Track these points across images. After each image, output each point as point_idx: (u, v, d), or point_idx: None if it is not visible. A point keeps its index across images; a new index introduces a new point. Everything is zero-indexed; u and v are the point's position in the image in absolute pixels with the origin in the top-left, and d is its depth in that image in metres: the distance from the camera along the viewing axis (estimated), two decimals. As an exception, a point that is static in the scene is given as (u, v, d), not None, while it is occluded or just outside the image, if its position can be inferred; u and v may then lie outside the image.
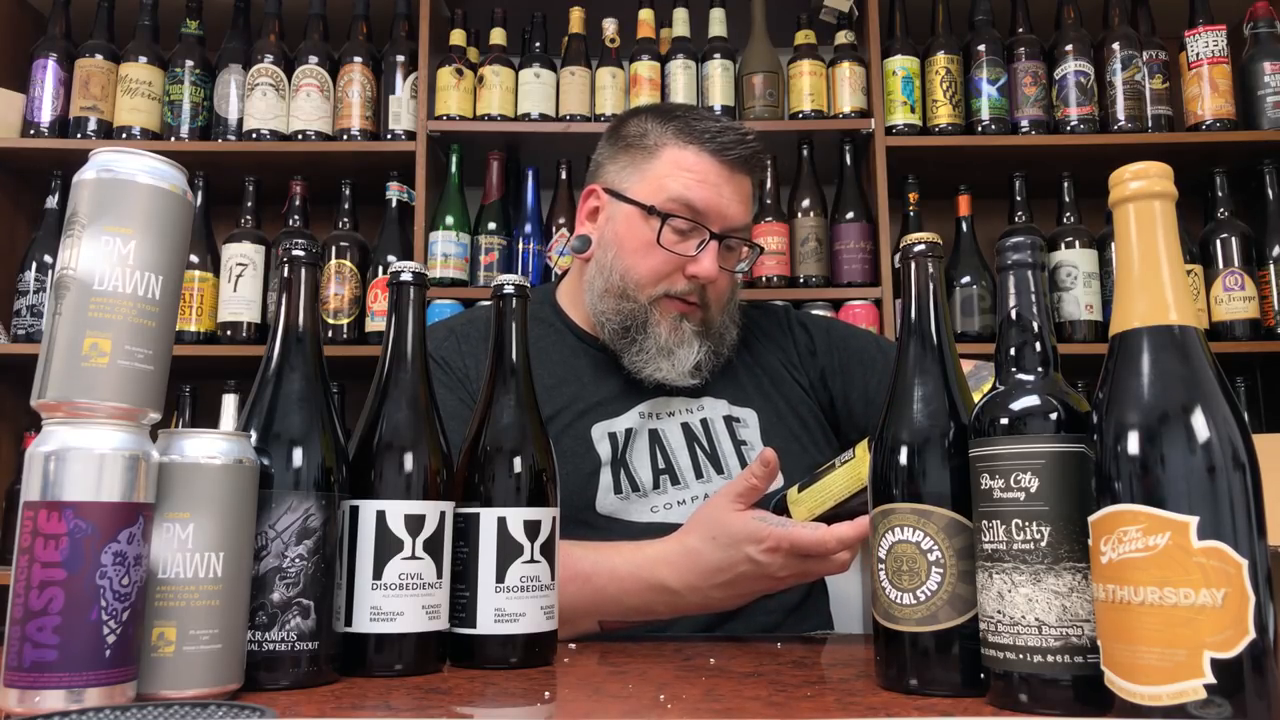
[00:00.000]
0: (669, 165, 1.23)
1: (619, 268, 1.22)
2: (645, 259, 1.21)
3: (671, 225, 1.20)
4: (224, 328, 2.15)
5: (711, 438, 1.23)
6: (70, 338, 0.63)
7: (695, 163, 1.22)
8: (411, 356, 0.84)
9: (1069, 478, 0.63)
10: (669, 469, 1.20)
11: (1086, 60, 2.18)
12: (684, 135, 1.24)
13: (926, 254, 0.76)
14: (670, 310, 1.21)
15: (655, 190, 1.22)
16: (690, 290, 1.21)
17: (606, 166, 1.29)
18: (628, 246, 1.22)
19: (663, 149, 1.24)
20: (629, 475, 1.20)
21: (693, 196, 1.20)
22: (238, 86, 2.24)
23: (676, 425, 1.23)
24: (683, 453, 1.22)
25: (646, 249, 1.21)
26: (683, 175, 1.22)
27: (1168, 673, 0.55)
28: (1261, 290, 2.10)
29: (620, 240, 1.23)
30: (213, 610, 0.66)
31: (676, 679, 0.76)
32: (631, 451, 1.21)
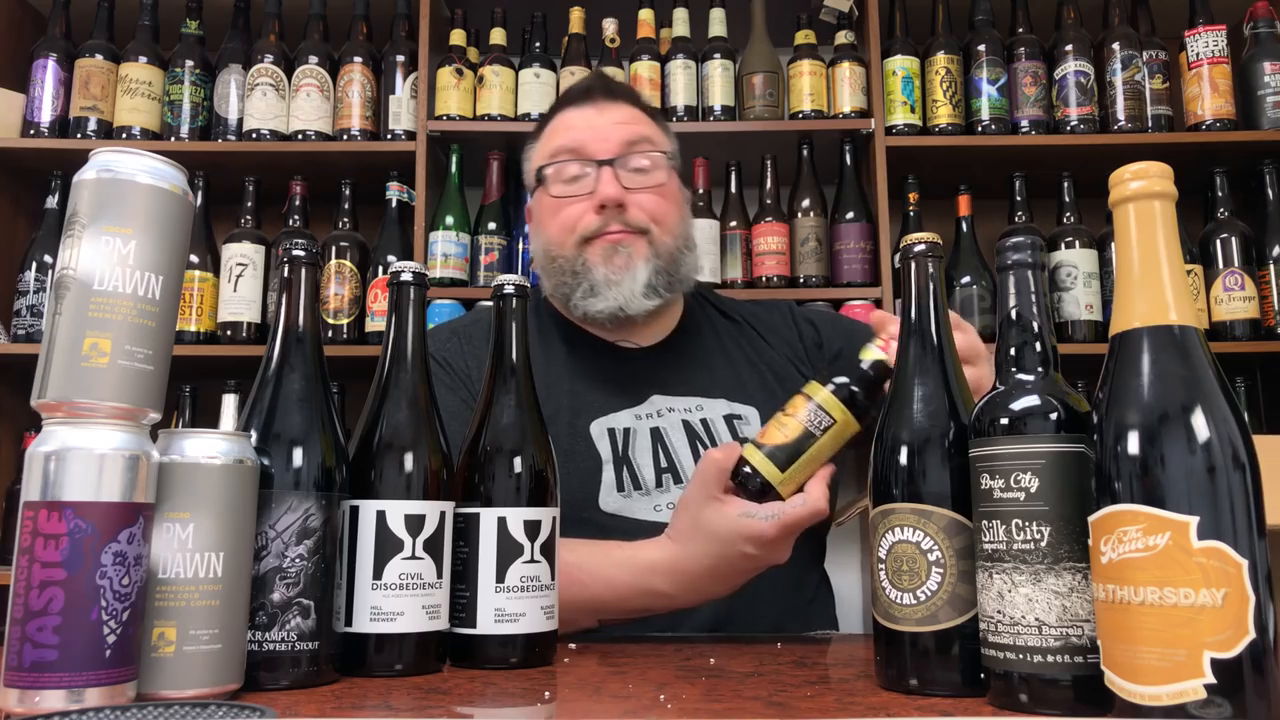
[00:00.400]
0: (548, 136, 1.32)
1: (542, 240, 1.29)
2: (554, 219, 1.26)
3: (556, 175, 1.26)
4: (224, 328, 2.15)
5: (713, 436, 1.23)
6: (70, 338, 0.63)
7: (560, 120, 1.31)
8: (411, 356, 0.84)
9: (1069, 478, 0.63)
10: (671, 467, 1.20)
11: (1086, 60, 2.18)
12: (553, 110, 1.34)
13: (926, 254, 0.76)
14: (598, 248, 1.23)
15: (540, 159, 1.30)
16: (606, 221, 1.23)
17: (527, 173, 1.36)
18: (541, 220, 1.30)
19: (544, 129, 1.34)
20: (631, 473, 1.19)
21: (562, 141, 1.27)
22: (238, 86, 2.24)
23: (678, 422, 1.23)
24: (685, 451, 1.21)
25: (552, 211, 1.26)
26: (555, 133, 1.30)
27: (1168, 673, 0.55)
28: (1261, 290, 2.10)
29: (537, 221, 1.31)
30: (213, 610, 0.66)
31: (676, 679, 0.76)
32: (634, 449, 1.21)
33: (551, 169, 1.26)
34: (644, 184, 1.25)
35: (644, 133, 1.28)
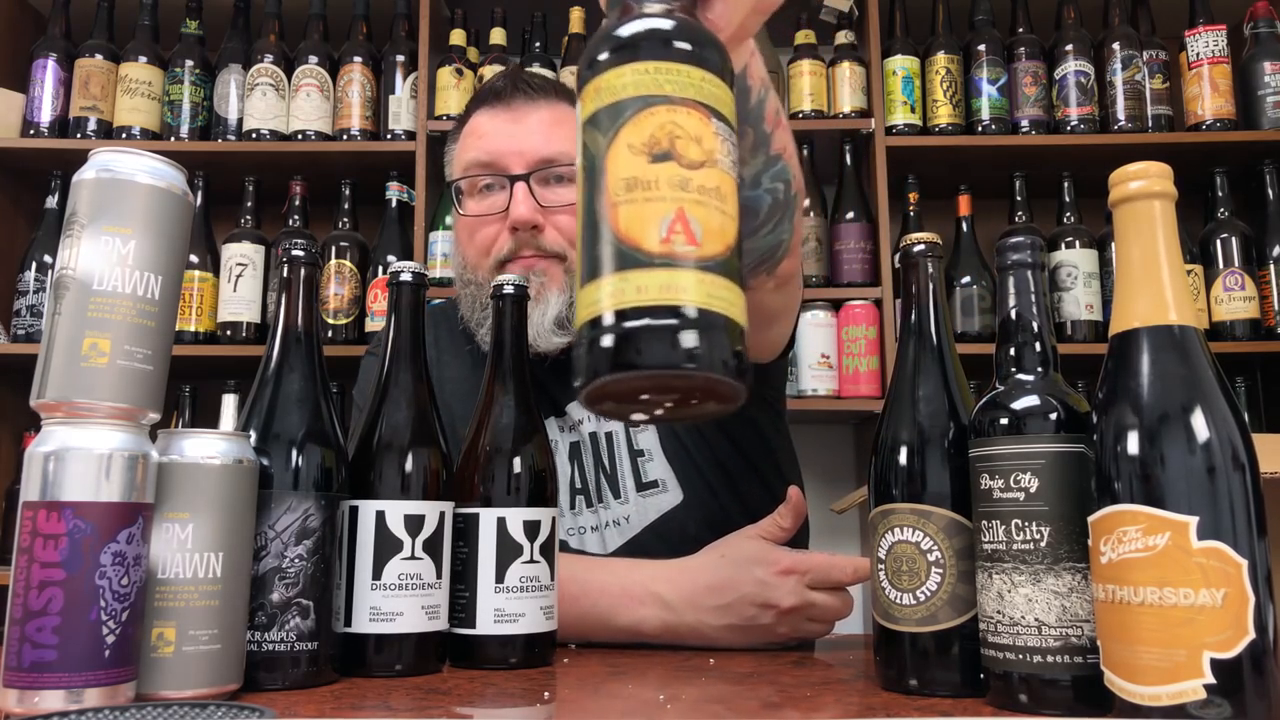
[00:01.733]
0: (461, 146, 1.18)
1: (459, 262, 1.17)
2: (470, 239, 1.14)
3: (469, 190, 1.14)
4: (224, 328, 2.15)
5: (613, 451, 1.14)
6: (70, 338, 0.63)
7: (475, 125, 1.16)
8: (411, 356, 0.84)
9: (1069, 478, 0.63)
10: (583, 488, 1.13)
11: (1086, 60, 2.18)
12: (469, 110, 1.18)
13: (926, 254, 0.76)
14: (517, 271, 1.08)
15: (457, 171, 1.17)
16: (520, 244, 1.10)
17: None
18: (459, 240, 1.18)
19: (458, 136, 1.19)
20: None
21: (474, 154, 1.13)
22: (238, 86, 2.24)
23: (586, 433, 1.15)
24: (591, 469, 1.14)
25: (468, 230, 1.14)
26: (468, 144, 1.15)
27: (1167, 673, 0.55)
28: (1261, 290, 2.10)
29: (455, 239, 1.19)
30: (212, 610, 0.66)
31: (676, 679, 0.76)
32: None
33: (465, 183, 1.14)
34: (562, 201, 1.10)
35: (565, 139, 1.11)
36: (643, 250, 0.41)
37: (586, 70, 0.47)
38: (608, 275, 0.42)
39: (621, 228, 0.42)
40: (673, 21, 0.47)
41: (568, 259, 1.10)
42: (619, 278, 0.42)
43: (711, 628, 0.93)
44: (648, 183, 0.43)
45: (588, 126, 0.46)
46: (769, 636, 0.94)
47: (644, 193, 0.43)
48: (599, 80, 0.46)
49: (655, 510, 1.11)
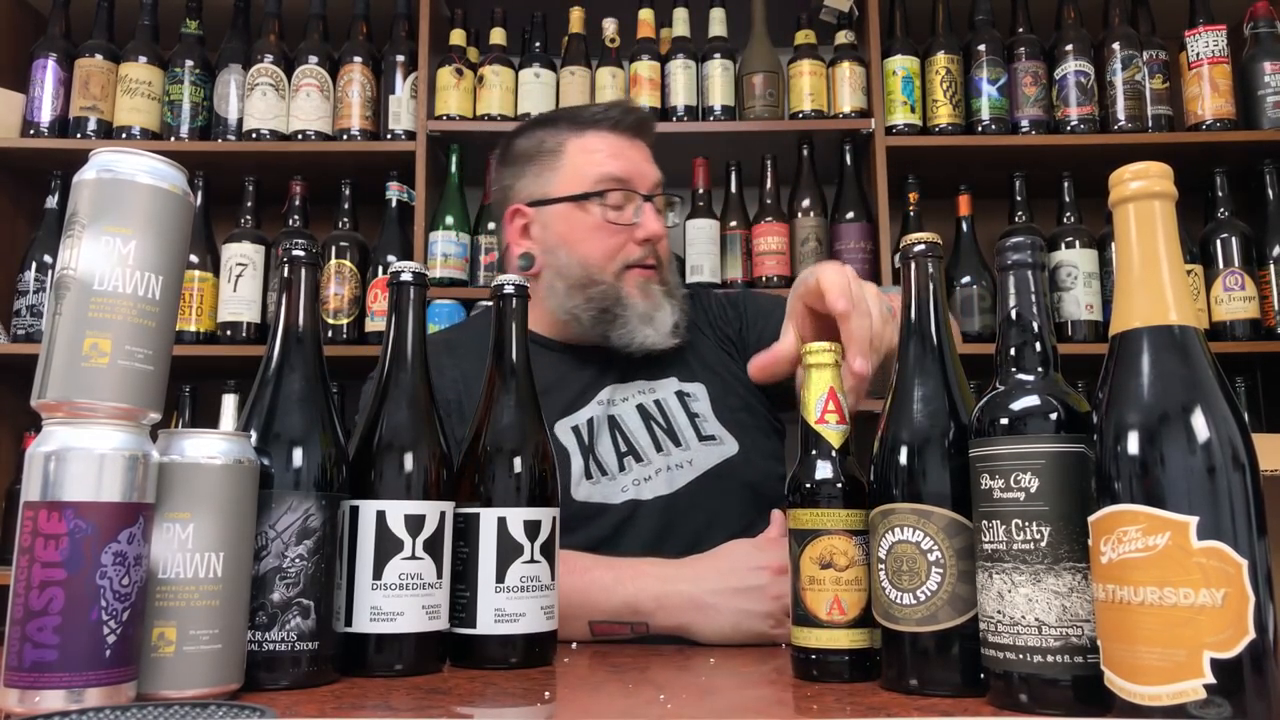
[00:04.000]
0: (578, 155, 1.31)
1: (575, 261, 1.28)
2: (596, 242, 1.27)
3: (607, 201, 1.28)
4: (224, 328, 2.15)
5: (666, 414, 1.28)
6: (70, 338, 0.63)
7: (599, 142, 1.31)
8: (411, 356, 0.84)
9: (1069, 478, 0.63)
10: (631, 450, 1.25)
11: (1086, 60, 2.18)
12: (577, 125, 1.33)
13: (926, 254, 0.76)
14: (635, 279, 1.28)
15: (577, 180, 1.29)
16: (646, 254, 1.29)
17: (515, 186, 1.35)
18: (575, 238, 1.29)
19: (565, 144, 1.32)
20: (597, 462, 1.24)
21: (613, 169, 1.29)
22: (238, 86, 2.24)
23: (632, 408, 1.28)
24: (641, 432, 1.26)
25: (593, 233, 1.28)
26: (594, 155, 1.30)
27: (1168, 673, 0.55)
28: (1261, 290, 2.10)
29: (566, 238, 1.29)
30: (213, 610, 0.66)
31: (676, 679, 0.76)
32: (596, 440, 1.25)
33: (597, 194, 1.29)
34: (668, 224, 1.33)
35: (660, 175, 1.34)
36: (818, 618, 0.75)
37: (791, 495, 0.78)
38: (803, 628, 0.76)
39: (807, 603, 0.75)
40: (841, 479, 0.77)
41: (661, 272, 1.31)
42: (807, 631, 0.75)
43: (707, 592, 0.98)
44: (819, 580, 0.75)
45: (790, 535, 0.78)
46: (763, 603, 0.97)
47: (817, 585, 0.75)
48: (794, 512, 0.78)
49: (717, 456, 1.25)
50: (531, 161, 1.34)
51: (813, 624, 0.74)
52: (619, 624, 1.02)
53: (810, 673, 0.75)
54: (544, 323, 1.33)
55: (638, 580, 1.02)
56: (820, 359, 0.79)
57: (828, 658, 0.74)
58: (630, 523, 1.20)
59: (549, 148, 1.33)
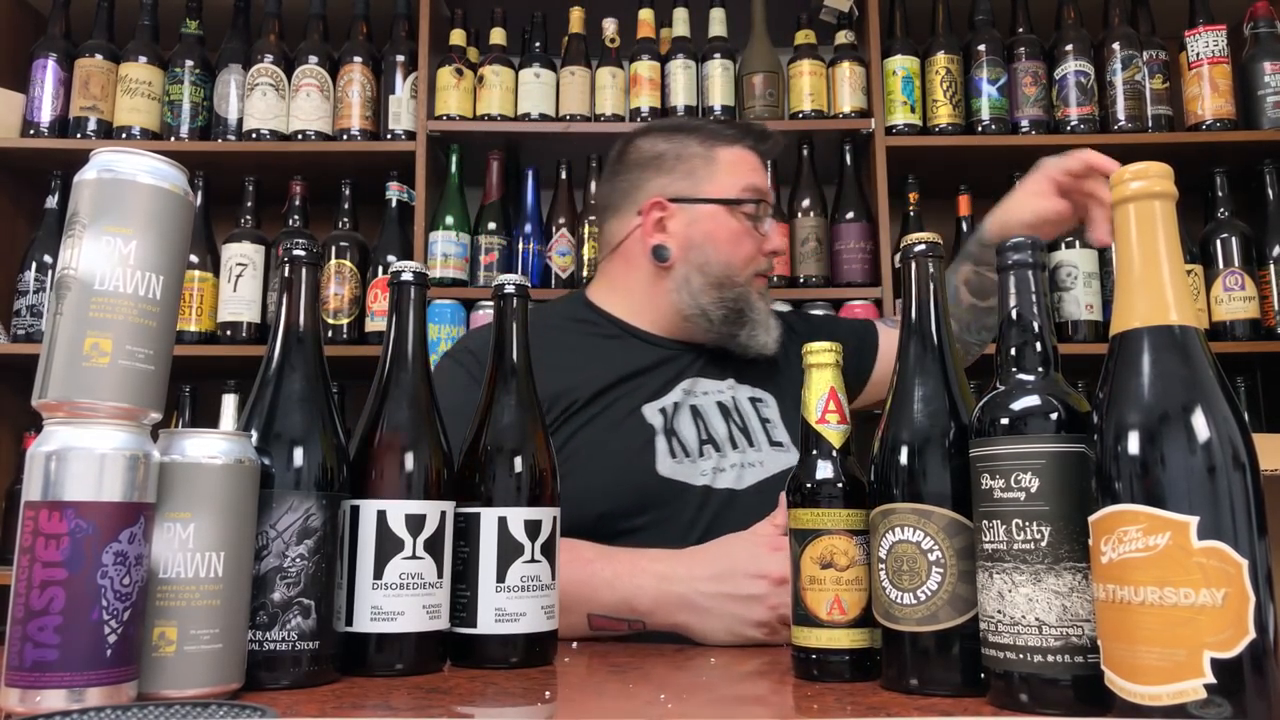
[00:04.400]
0: (729, 163, 1.39)
1: (719, 260, 1.35)
2: (739, 247, 1.36)
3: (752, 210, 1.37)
4: (224, 328, 2.15)
5: (741, 414, 1.34)
6: (71, 337, 0.63)
7: (746, 156, 1.40)
8: (412, 356, 0.84)
9: (1069, 478, 0.63)
10: (710, 439, 1.29)
11: (1086, 60, 2.18)
12: (723, 137, 1.41)
13: (927, 254, 0.76)
14: (759, 286, 1.38)
15: (728, 186, 1.37)
16: (769, 266, 1.40)
17: (654, 183, 1.39)
18: (721, 239, 1.35)
19: (715, 151, 1.39)
20: (679, 441, 1.27)
21: (758, 182, 1.39)
22: (238, 86, 2.24)
23: (712, 402, 1.33)
24: (720, 425, 1.31)
25: (738, 237, 1.36)
26: (741, 167, 1.39)
27: (1168, 673, 0.55)
28: (1261, 290, 2.10)
29: (713, 236, 1.36)
30: (213, 610, 0.66)
31: (677, 679, 0.76)
32: (677, 422, 1.29)
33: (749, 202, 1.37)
34: None
35: None
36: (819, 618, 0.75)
37: (791, 495, 0.79)
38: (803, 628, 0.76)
39: (808, 603, 0.76)
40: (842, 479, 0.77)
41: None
42: (807, 631, 0.75)
43: (702, 595, 0.99)
44: (820, 579, 0.75)
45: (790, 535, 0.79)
46: (759, 612, 0.97)
47: (818, 585, 0.75)
48: (795, 511, 0.78)
49: (784, 463, 1.30)
50: (680, 160, 1.40)
51: (813, 624, 0.75)
52: (617, 620, 1.03)
53: (811, 672, 0.75)
54: (654, 312, 1.38)
55: (636, 578, 1.03)
56: (820, 359, 0.79)
57: (828, 657, 0.74)
58: (703, 510, 1.23)
59: (698, 152, 1.39)
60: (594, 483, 1.17)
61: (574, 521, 1.17)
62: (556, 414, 1.23)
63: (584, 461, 1.19)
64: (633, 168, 1.42)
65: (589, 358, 1.32)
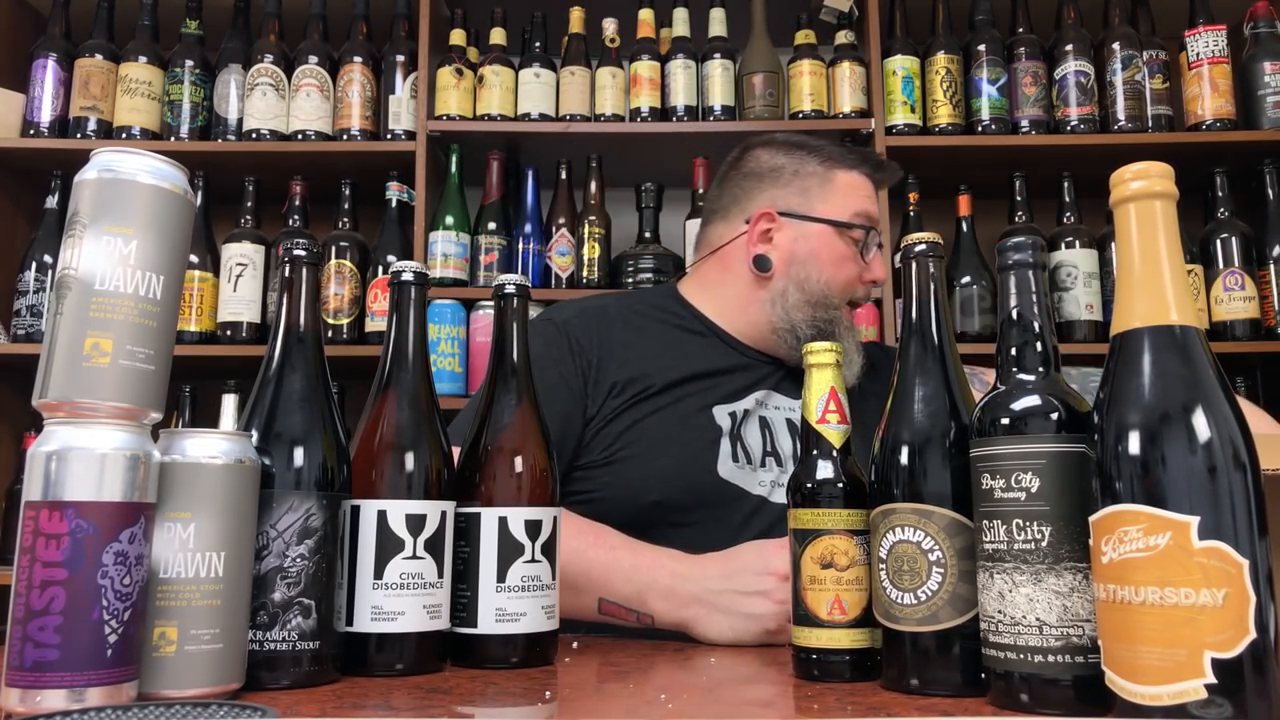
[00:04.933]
0: (845, 186, 1.38)
1: (820, 279, 1.34)
2: (841, 269, 1.35)
3: (860, 237, 1.36)
4: (224, 328, 2.15)
5: None
6: (71, 337, 0.63)
7: (862, 183, 1.40)
8: (412, 356, 0.84)
9: (1070, 478, 0.63)
10: (774, 451, 1.29)
11: (1086, 60, 2.18)
12: (843, 161, 1.41)
13: (927, 254, 0.76)
14: (848, 316, 1.37)
15: (841, 208, 1.36)
16: (867, 295, 1.40)
17: (766, 194, 1.40)
18: (826, 259, 1.35)
19: (833, 172, 1.39)
20: (744, 447, 1.28)
21: (870, 210, 1.38)
22: (238, 86, 2.24)
23: (782, 418, 1.33)
24: (785, 440, 1.31)
25: (842, 260, 1.35)
26: (857, 193, 1.38)
27: (1168, 673, 0.55)
28: (1261, 290, 2.10)
29: (817, 255, 1.35)
30: (214, 610, 0.66)
31: (677, 679, 0.76)
32: (745, 429, 1.29)
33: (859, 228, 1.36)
34: None
35: None
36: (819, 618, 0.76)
37: (792, 495, 0.79)
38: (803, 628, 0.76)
39: (808, 603, 0.76)
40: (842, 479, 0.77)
41: None
42: (808, 631, 0.76)
43: (710, 592, 1.00)
44: (820, 579, 0.76)
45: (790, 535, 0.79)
46: (762, 605, 0.97)
47: (818, 585, 0.76)
48: (795, 511, 0.78)
49: None
50: (796, 176, 1.40)
51: (813, 624, 0.75)
52: (627, 610, 1.05)
53: (811, 672, 0.75)
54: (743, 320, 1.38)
55: (654, 572, 1.04)
56: (821, 359, 0.79)
57: (828, 657, 0.74)
58: (754, 518, 1.23)
59: (815, 170, 1.40)
60: (653, 470, 1.19)
61: (628, 506, 1.20)
62: (628, 397, 1.24)
63: (647, 448, 1.20)
64: (749, 176, 1.43)
65: (669, 347, 1.33)
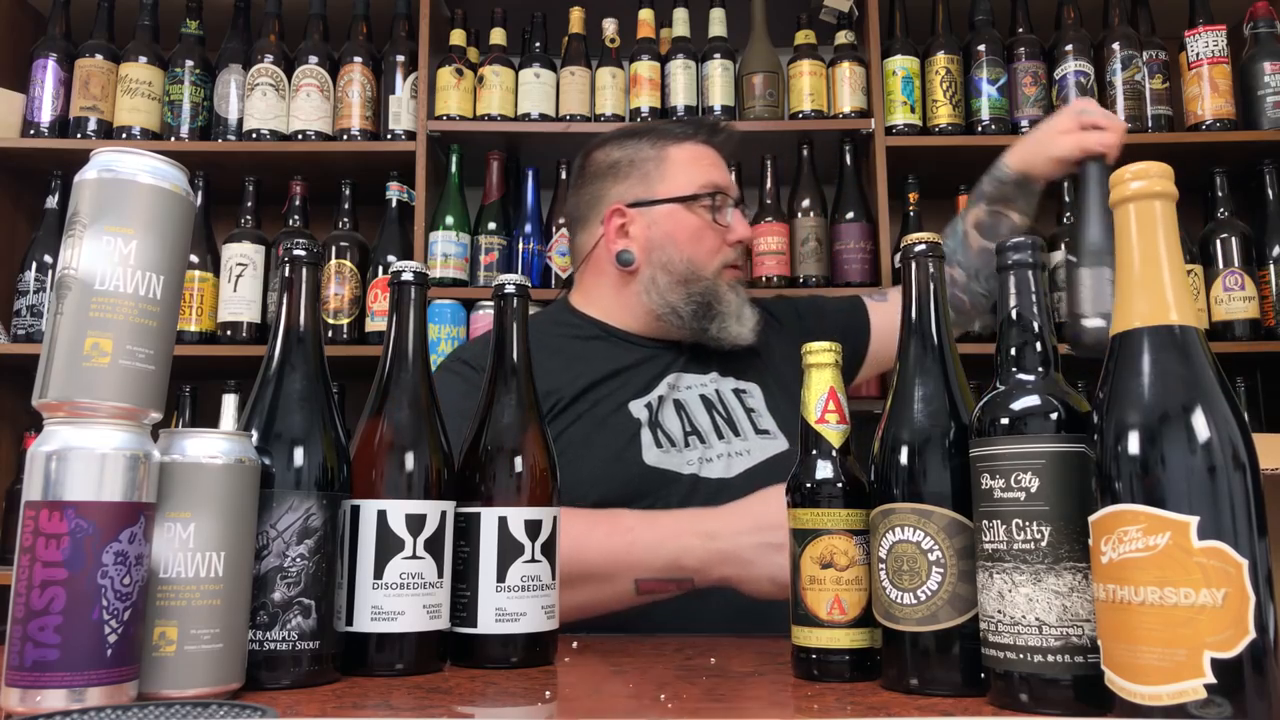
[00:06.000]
0: (681, 162, 1.41)
1: (682, 258, 1.37)
2: (701, 241, 1.38)
3: (710, 204, 1.39)
4: (224, 328, 2.15)
5: (725, 405, 1.36)
6: (72, 337, 0.63)
7: (699, 151, 1.43)
8: (412, 356, 0.84)
9: (1069, 478, 0.63)
10: (695, 430, 1.32)
11: (1086, 60, 2.18)
12: (673, 136, 1.44)
13: (927, 254, 0.76)
14: (729, 278, 1.39)
15: (682, 184, 1.39)
16: (738, 256, 1.42)
17: (612, 191, 1.43)
18: (681, 238, 1.38)
19: (666, 151, 1.42)
20: (664, 433, 1.30)
21: (714, 177, 1.41)
22: (238, 86, 2.24)
23: (695, 395, 1.36)
24: (703, 416, 1.34)
25: (699, 233, 1.38)
26: (696, 164, 1.41)
27: (1168, 672, 0.55)
28: (1261, 290, 2.10)
29: (672, 236, 1.39)
30: (214, 610, 0.66)
31: (677, 678, 0.76)
32: (662, 415, 1.32)
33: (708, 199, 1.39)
34: None
35: None
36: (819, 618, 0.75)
37: (791, 495, 0.79)
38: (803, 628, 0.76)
39: (808, 603, 0.76)
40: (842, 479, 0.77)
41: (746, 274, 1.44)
42: (808, 631, 0.76)
43: (747, 548, 1.04)
44: (820, 579, 0.76)
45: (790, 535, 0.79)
46: None
47: (818, 585, 0.75)
48: (794, 511, 0.78)
49: (771, 450, 1.33)
50: (634, 165, 1.43)
51: (813, 624, 0.75)
52: (665, 581, 1.07)
53: (811, 672, 0.75)
54: (628, 315, 1.41)
55: (680, 539, 1.06)
56: (820, 359, 0.79)
57: (828, 657, 0.74)
58: (691, 497, 1.25)
59: (649, 155, 1.42)
60: (584, 474, 1.19)
61: None
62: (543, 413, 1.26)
63: (574, 456, 1.21)
64: (591, 180, 1.46)
65: (573, 359, 1.35)
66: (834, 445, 0.78)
